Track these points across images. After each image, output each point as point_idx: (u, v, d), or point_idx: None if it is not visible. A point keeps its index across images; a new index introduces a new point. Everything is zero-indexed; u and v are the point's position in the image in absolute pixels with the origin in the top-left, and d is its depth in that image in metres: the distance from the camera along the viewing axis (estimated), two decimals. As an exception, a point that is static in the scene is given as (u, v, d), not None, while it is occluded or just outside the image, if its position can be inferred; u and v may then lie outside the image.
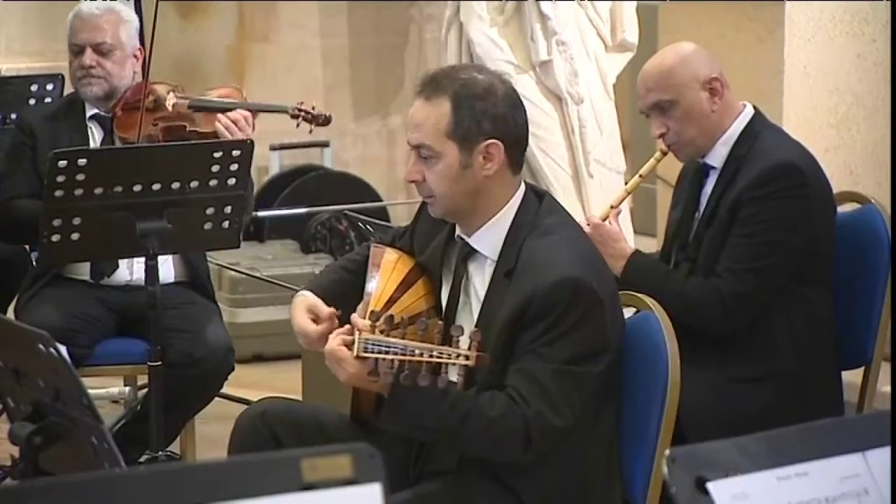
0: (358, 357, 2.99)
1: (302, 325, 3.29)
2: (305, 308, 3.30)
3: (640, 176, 4.10)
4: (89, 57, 4.63)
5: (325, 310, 3.29)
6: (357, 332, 3.01)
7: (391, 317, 3.01)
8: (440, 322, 3.08)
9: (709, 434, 3.47)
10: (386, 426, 3.08)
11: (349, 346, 3.04)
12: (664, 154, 4.05)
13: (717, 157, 3.94)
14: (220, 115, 4.54)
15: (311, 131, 4.74)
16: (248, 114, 4.55)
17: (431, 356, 2.94)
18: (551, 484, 3.13)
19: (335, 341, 3.09)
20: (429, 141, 3.15)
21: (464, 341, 2.95)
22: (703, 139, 3.93)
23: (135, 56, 4.71)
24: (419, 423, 3.06)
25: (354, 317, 3.09)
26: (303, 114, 4.64)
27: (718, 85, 3.92)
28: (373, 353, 2.97)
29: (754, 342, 3.87)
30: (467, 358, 2.92)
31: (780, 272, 3.83)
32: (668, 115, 3.93)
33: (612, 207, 4.08)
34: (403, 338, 2.97)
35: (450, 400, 3.02)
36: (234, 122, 4.51)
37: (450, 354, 2.93)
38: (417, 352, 2.95)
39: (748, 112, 3.97)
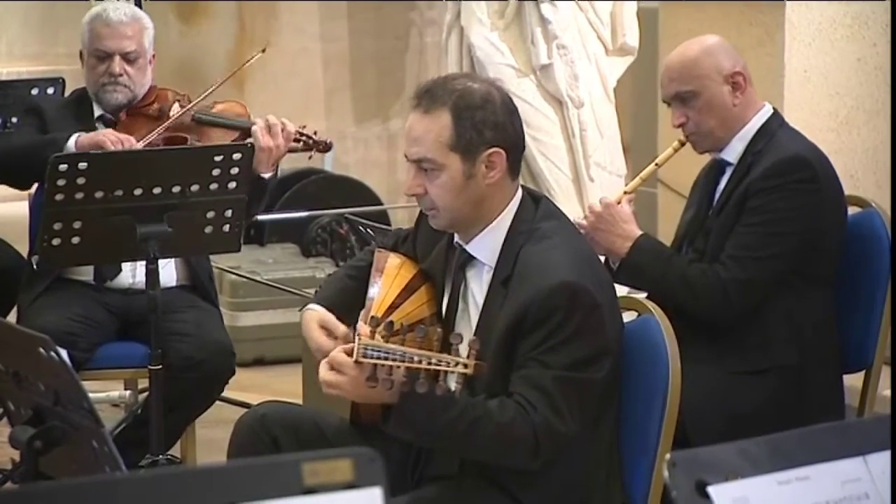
0: (357, 362, 2.99)
1: (318, 342, 3.24)
2: (317, 323, 3.25)
3: (657, 164, 4.08)
4: (119, 65, 4.61)
5: (340, 327, 3.26)
6: (357, 337, 3.00)
7: (391, 323, 3.00)
8: (439, 329, 3.06)
9: (712, 431, 3.51)
10: (394, 433, 3.06)
11: (349, 353, 3.04)
12: (682, 144, 4.03)
13: (732, 152, 3.96)
14: (258, 119, 4.54)
15: (310, 157, 4.73)
16: (284, 124, 4.53)
17: (430, 363, 2.92)
18: (552, 489, 3.12)
19: (335, 350, 3.09)
20: (431, 154, 3.13)
21: (462, 349, 2.94)
22: (722, 131, 3.94)
23: (149, 62, 4.72)
24: (428, 429, 3.04)
25: (360, 325, 3.08)
26: (304, 139, 4.62)
27: (741, 79, 3.93)
28: (371, 358, 2.96)
29: (751, 335, 3.87)
30: (465, 366, 2.90)
31: (782, 263, 3.84)
32: (688, 106, 3.94)
33: (625, 193, 4.06)
34: (403, 344, 2.96)
35: (460, 405, 3.00)
36: (270, 127, 4.51)
37: (448, 362, 2.91)
38: (416, 359, 2.93)
39: (767, 110, 3.99)
